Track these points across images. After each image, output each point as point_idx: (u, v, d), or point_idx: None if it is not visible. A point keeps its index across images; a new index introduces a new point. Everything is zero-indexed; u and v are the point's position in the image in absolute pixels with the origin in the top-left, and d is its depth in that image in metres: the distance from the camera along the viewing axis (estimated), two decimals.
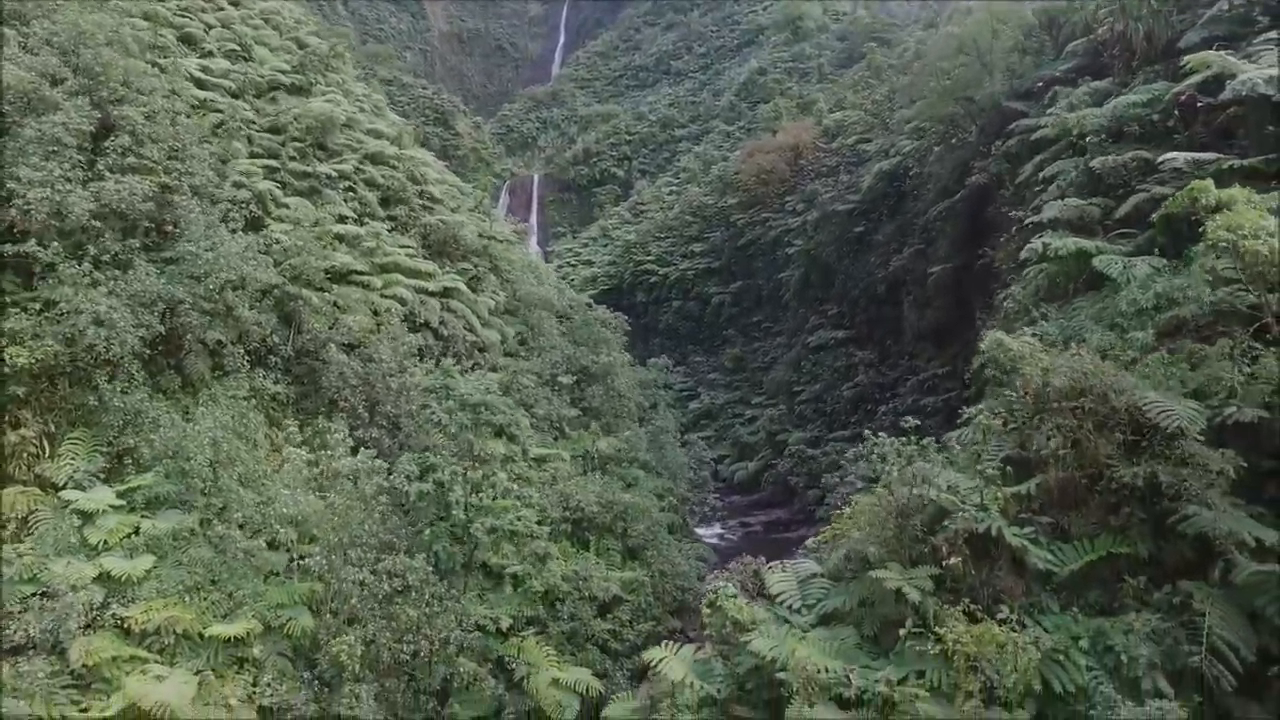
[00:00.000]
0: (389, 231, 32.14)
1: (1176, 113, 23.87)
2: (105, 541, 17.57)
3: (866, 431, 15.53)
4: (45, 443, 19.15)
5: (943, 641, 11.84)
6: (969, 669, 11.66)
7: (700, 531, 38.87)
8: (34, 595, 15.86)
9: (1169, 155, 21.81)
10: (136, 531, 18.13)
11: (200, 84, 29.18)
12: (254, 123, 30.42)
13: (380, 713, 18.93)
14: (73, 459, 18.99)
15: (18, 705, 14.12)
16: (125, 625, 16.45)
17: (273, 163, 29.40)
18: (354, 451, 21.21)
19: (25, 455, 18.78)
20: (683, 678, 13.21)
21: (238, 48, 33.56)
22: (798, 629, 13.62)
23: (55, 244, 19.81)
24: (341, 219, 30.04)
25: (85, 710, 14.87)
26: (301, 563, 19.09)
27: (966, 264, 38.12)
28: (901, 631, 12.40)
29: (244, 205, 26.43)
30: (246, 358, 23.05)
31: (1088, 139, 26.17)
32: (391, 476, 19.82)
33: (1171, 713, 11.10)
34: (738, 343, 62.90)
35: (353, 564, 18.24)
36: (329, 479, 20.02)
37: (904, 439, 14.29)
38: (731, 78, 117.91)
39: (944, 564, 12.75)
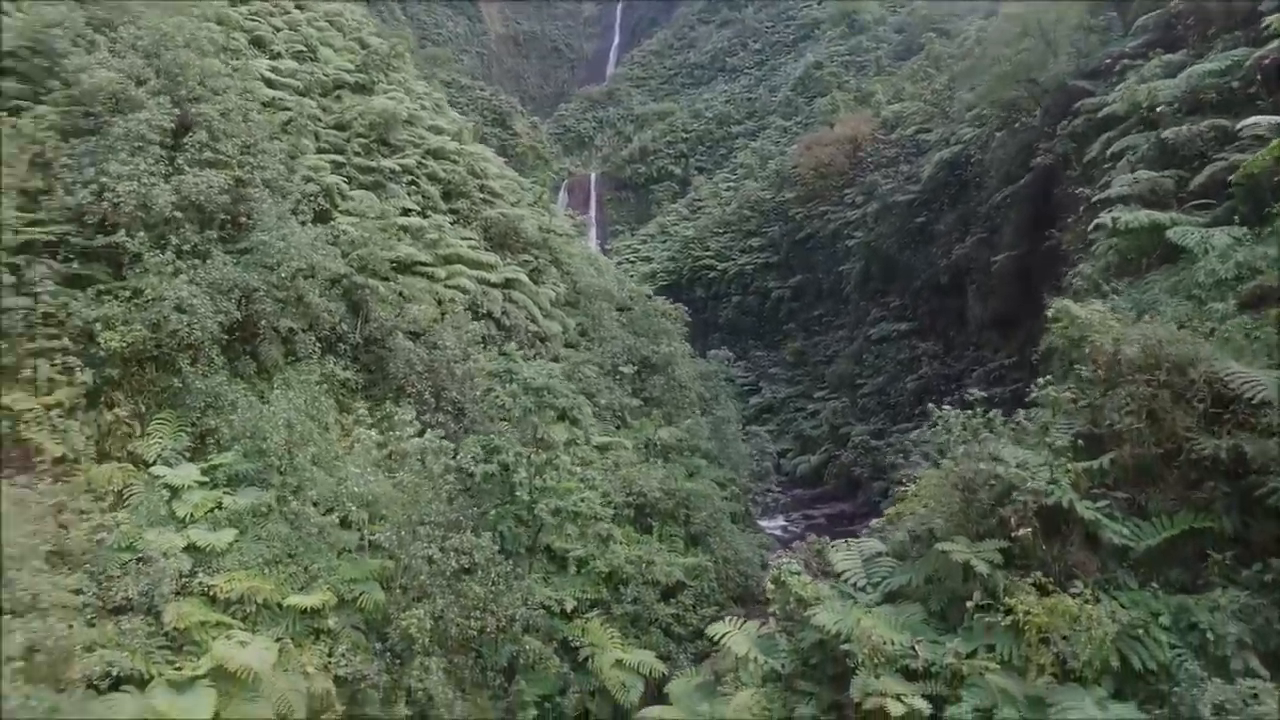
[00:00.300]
0: (451, 224, 32.80)
1: (1259, 78, 22.75)
2: (191, 515, 18.44)
3: (930, 405, 15.29)
4: (137, 422, 20.17)
5: (1013, 613, 11.61)
6: (1040, 642, 11.41)
7: (763, 524, 38.71)
8: (131, 561, 16.75)
9: (1251, 120, 20.70)
10: (219, 506, 18.99)
11: (270, 83, 30.23)
12: (320, 120, 31.41)
13: (449, 687, 19.46)
14: (161, 438, 19.96)
15: (121, 658, 14.94)
16: (211, 593, 17.26)
17: (339, 158, 30.33)
18: (420, 435, 21.78)
19: (119, 433, 19.82)
20: (746, 652, 13.24)
21: (304, 49, 34.69)
22: (863, 606, 13.52)
23: (141, 235, 20.83)
24: (405, 212, 30.81)
25: (179, 669, 15.65)
26: (372, 539, 19.69)
27: (1032, 249, 37.13)
28: (969, 604, 12.20)
29: (312, 198, 27.36)
30: (317, 344, 23.87)
31: (1159, 110, 25.10)
32: (458, 457, 20.26)
33: (1267, 692, 10.63)
34: (798, 336, 62.36)
35: (421, 540, 18.74)
36: (398, 459, 20.56)
37: (969, 412, 14.04)
38: (787, 73, 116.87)
39: (1013, 535, 12.47)
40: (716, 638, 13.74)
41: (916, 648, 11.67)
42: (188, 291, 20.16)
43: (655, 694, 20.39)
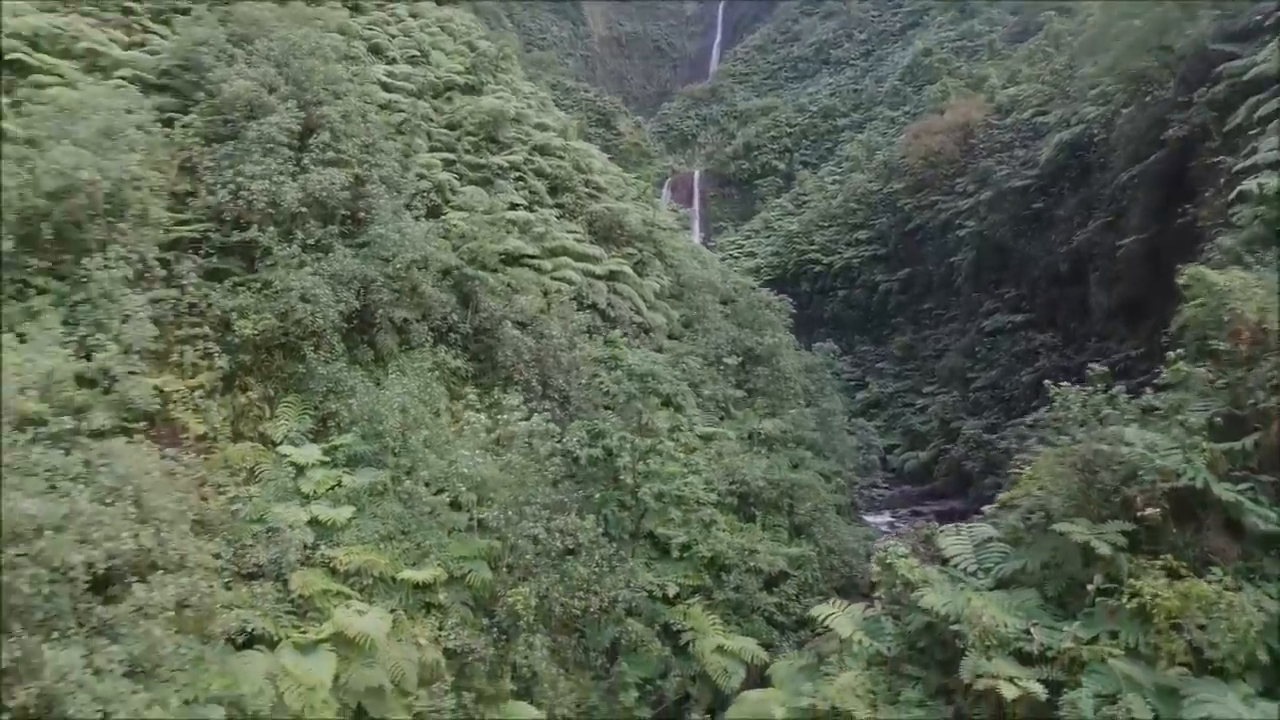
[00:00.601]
0: (557, 218, 33.48)
1: None
2: (314, 491, 19.58)
3: (1047, 382, 14.50)
4: (266, 405, 21.65)
5: (1139, 597, 10.89)
6: (1171, 628, 10.67)
7: (870, 519, 37.77)
8: (261, 532, 17.96)
9: None
10: (339, 484, 20.09)
11: (386, 87, 31.68)
12: (432, 120, 32.70)
13: (553, 664, 19.89)
14: (287, 420, 21.33)
15: (254, 619, 16.05)
16: (332, 564, 18.30)
17: (450, 155, 31.50)
18: (527, 419, 22.33)
19: (251, 415, 21.32)
20: (851, 634, 12.96)
21: (418, 53, 36.16)
22: (973, 590, 13.00)
23: (271, 230, 22.32)
24: (513, 206, 31.65)
25: (304, 633, 16.67)
26: (480, 520, 20.33)
27: (1163, 230, 34.70)
28: (1090, 587, 11.52)
29: (425, 194, 28.57)
30: (430, 333, 24.88)
31: None
32: (564, 440, 20.64)
33: None
34: (906, 330, 60.50)
35: (528, 520, 19.21)
36: (505, 442, 21.13)
37: (1090, 389, 13.26)
38: (895, 62, 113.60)
39: (1139, 517, 11.69)
40: (820, 619, 13.49)
41: (1032, 631, 11.12)
42: (311, 282, 21.44)
43: (757, 681, 20.21)
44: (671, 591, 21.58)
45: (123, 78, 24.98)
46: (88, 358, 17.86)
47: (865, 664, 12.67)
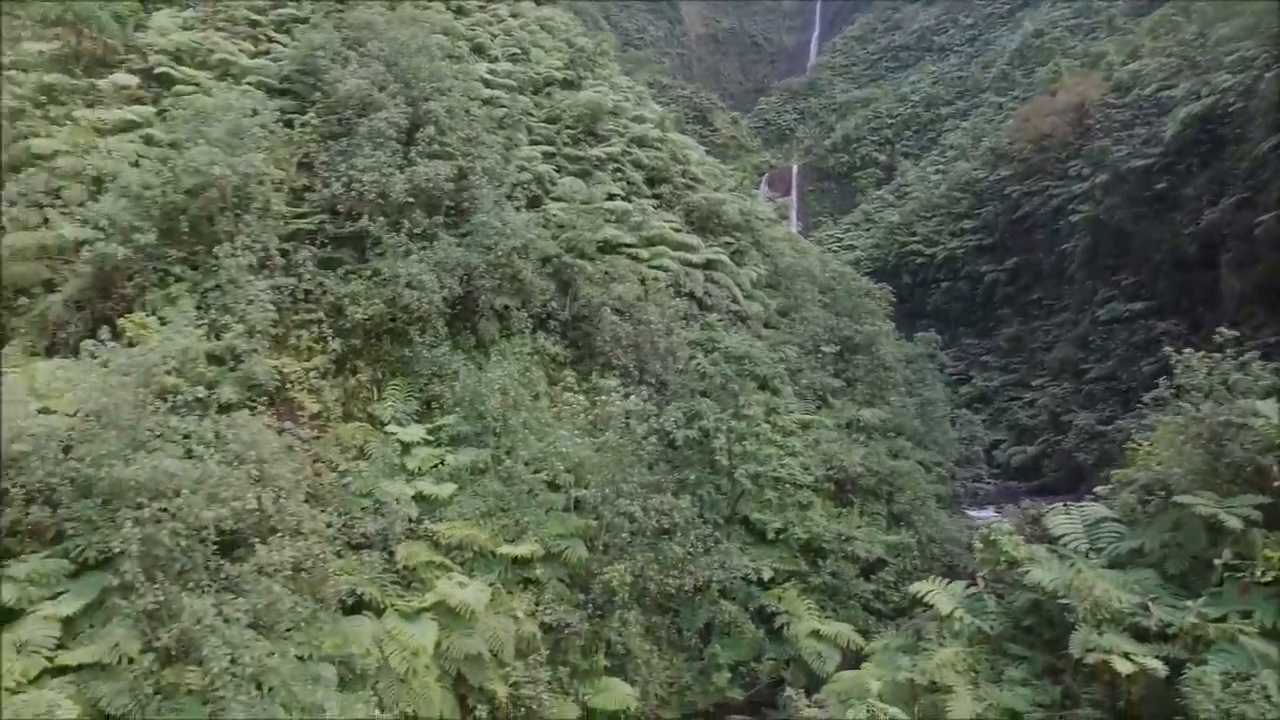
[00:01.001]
0: (655, 208, 33.71)
1: None
2: (419, 469, 20.44)
3: (1167, 349, 13.61)
4: (374, 387, 22.71)
5: (1276, 572, 10.11)
6: None
7: (973, 514, 36.36)
8: (369, 505, 18.86)
9: None
10: (442, 463, 20.90)
11: (488, 84, 32.64)
12: (532, 114, 33.48)
13: (646, 642, 20.08)
14: (394, 401, 22.31)
15: (362, 585, 16.90)
16: (434, 538, 19.06)
17: (549, 148, 32.18)
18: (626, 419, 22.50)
19: (361, 396, 22.40)
20: (951, 611, 12.55)
21: (518, 51, 37.11)
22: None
23: (380, 219, 23.39)
24: (611, 196, 32.05)
25: (408, 601, 17.42)
26: (577, 499, 20.72)
27: None
28: (1218, 562, 10.78)
29: (525, 186, 29.28)
30: (529, 320, 25.51)
31: None
32: (660, 419, 20.76)
33: None
34: (1014, 322, 57.79)
35: (624, 497, 19.44)
36: (603, 422, 21.40)
37: (1218, 354, 12.39)
38: (1003, 46, 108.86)
39: (1277, 488, 10.84)
40: (919, 595, 13.11)
41: (1150, 606, 10.48)
42: (417, 269, 22.35)
43: (853, 666, 19.82)
44: (766, 575, 21.42)
45: (250, 83, 26.77)
46: (217, 337, 19.22)
47: (966, 642, 12.25)
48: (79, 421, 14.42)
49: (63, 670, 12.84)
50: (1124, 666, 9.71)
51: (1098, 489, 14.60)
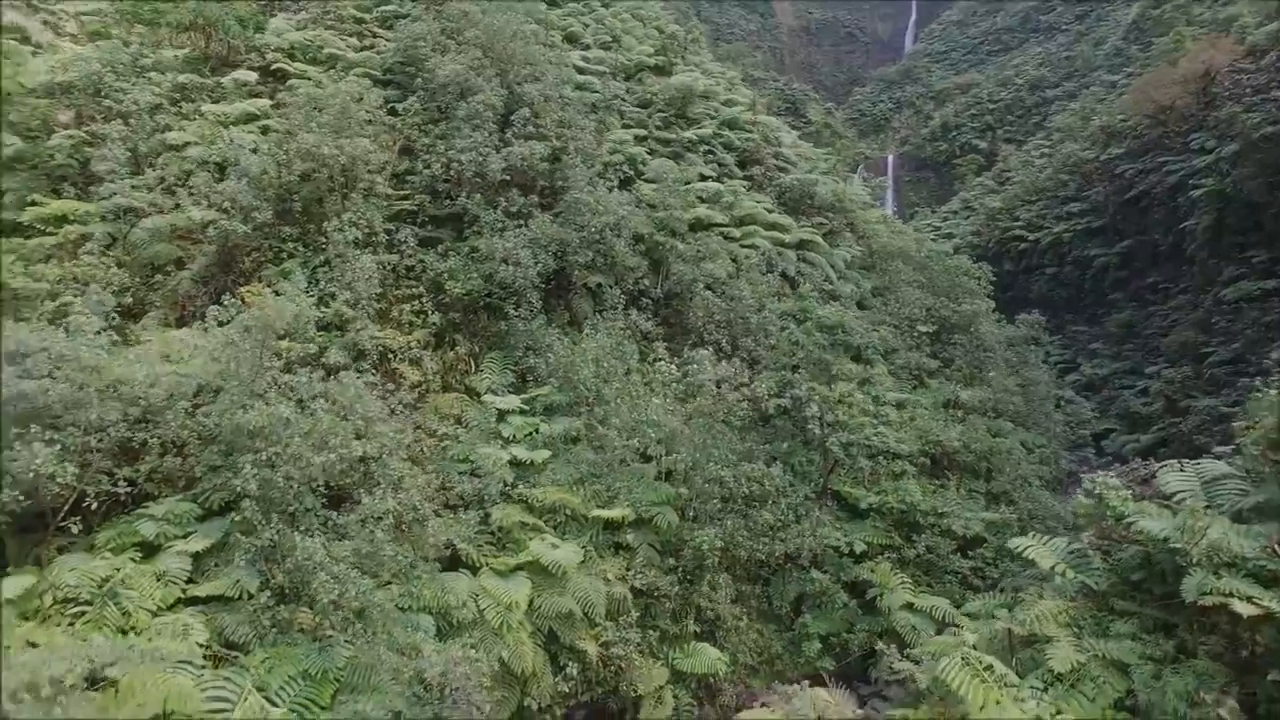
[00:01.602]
0: (746, 190, 33.62)
1: None
2: (514, 436, 21.04)
3: None
4: (471, 360, 23.53)
5: None
6: None
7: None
8: (466, 470, 19.58)
9: None
10: (536, 431, 21.45)
11: (580, 70, 33.25)
12: (624, 99, 33.89)
13: (736, 608, 20.09)
14: (490, 374, 23.04)
15: (458, 543, 17.57)
16: (528, 502, 19.60)
17: (641, 131, 32.53)
18: (717, 386, 22.57)
19: (459, 369, 23.25)
20: (1053, 566, 12.10)
21: (610, 39, 37.64)
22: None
23: (477, 197, 24.23)
24: (702, 178, 32.16)
25: (500, 559, 18.01)
26: (668, 470, 20.90)
27: None
28: None
29: (617, 167, 29.69)
30: (622, 297, 25.84)
31: None
32: (752, 386, 20.71)
33: None
34: (1125, 307, 54.51)
35: (715, 462, 19.51)
36: (695, 390, 21.50)
37: None
38: (1117, 20, 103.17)
39: None
40: (1018, 550, 12.68)
41: (1277, 547, 9.80)
42: (514, 244, 23.01)
43: None
44: (859, 549, 21.08)
45: (356, 76, 28.20)
46: (325, 306, 20.34)
47: (1069, 597, 11.78)
48: (205, 373, 15.53)
49: (193, 601, 13.93)
50: (1245, 609, 9.14)
51: (1216, 448, 13.69)
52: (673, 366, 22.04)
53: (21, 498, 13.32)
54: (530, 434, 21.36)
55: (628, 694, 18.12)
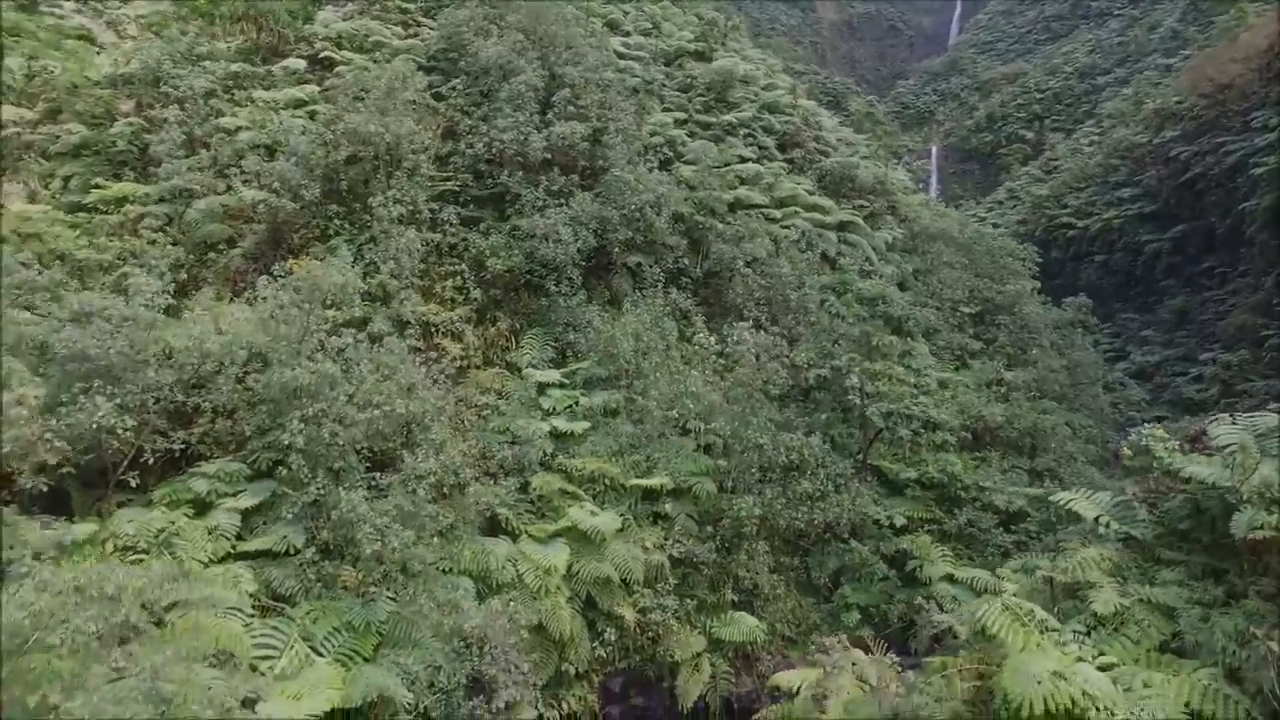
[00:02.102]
0: (786, 172, 33.50)
1: None
2: (554, 408, 21.29)
3: None
4: (512, 336, 23.87)
5: None
6: None
7: None
8: (506, 440, 19.88)
9: None
10: (576, 404, 21.66)
11: (621, 55, 33.46)
12: (664, 84, 34.01)
13: (774, 580, 20.06)
14: (530, 350, 23.35)
15: (497, 508, 17.86)
16: (567, 471, 19.84)
17: (680, 115, 32.64)
18: (756, 357, 22.57)
19: (499, 345, 23.61)
20: (1096, 516, 11.90)
21: (650, 25, 37.80)
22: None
23: (519, 175, 24.56)
24: (742, 159, 32.13)
25: (539, 525, 18.27)
26: (707, 443, 20.95)
27: None
28: None
29: (657, 149, 29.84)
30: (662, 275, 25.94)
31: None
32: (792, 354, 20.61)
33: None
34: (1179, 293, 52.88)
35: (754, 430, 19.49)
36: (732, 361, 21.52)
37: None
38: (1173, 2, 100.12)
39: None
40: (1061, 504, 12.50)
41: None
42: (555, 221, 23.27)
43: None
44: (899, 522, 20.92)
45: (402, 61, 28.81)
46: (370, 278, 20.83)
47: (1113, 547, 11.56)
48: (255, 341, 16.01)
49: (242, 555, 14.41)
50: None
51: (1271, 405, 13.27)
52: (711, 339, 22.03)
53: (86, 453, 13.93)
54: (570, 406, 21.58)
55: (665, 661, 18.24)
